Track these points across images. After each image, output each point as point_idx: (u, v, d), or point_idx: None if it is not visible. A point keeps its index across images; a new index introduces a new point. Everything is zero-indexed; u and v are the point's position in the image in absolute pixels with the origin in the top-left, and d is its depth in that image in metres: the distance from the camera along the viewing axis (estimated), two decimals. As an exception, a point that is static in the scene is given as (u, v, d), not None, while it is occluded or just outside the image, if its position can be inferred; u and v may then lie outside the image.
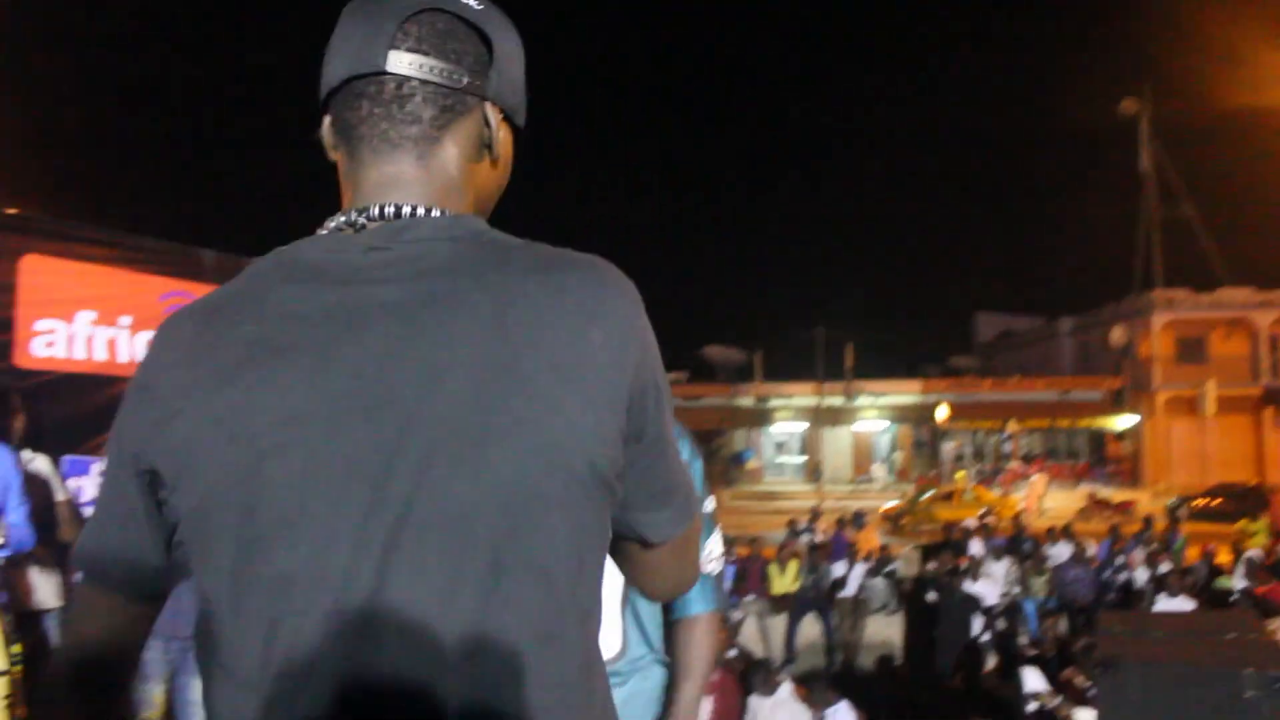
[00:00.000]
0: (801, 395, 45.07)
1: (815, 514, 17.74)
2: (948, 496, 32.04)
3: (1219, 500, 30.42)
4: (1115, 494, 34.28)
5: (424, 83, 1.10)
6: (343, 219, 1.09)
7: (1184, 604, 10.60)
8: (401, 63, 1.09)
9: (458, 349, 0.97)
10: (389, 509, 0.95)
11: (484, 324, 0.98)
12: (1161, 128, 46.32)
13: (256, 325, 1.02)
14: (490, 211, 1.21)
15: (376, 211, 1.07)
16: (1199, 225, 45.19)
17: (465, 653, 0.94)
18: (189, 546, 1.03)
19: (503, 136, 1.17)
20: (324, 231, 1.10)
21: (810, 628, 12.69)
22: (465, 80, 1.11)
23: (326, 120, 1.15)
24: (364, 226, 1.07)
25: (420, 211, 1.07)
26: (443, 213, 1.08)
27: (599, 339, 1.00)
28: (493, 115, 1.14)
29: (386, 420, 0.96)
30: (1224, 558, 14.04)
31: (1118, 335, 41.86)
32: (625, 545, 1.16)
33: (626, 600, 2.32)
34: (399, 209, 1.07)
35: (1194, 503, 30.92)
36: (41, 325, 5.03)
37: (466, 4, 1.12)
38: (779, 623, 12.83)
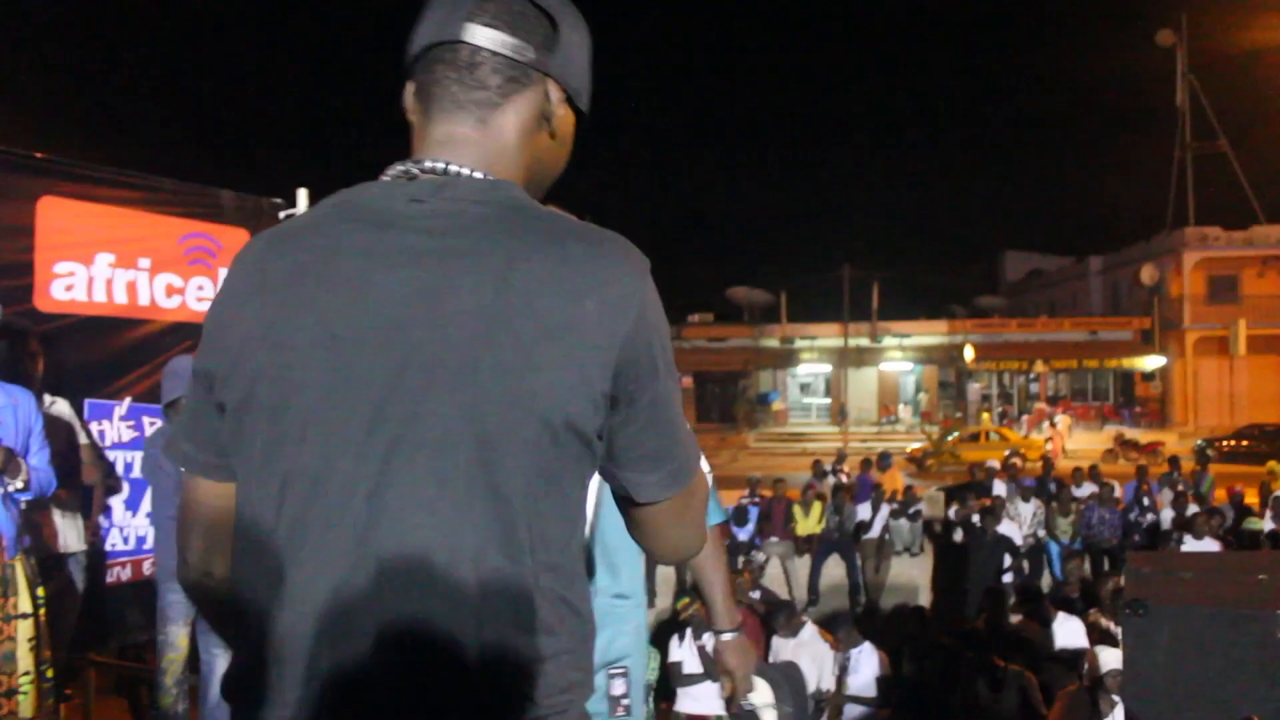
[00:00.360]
0: (827, 336, 44.91)
1: (841, 455, 17.71)
2: (974, 437, 31.97)
3: (1248, 441, 30.25)
4: (1142, 435, 34.11)
5: (494, 54, 1.25)
6: (401, 168, 1.24)
7: (1210, 545, 10.54)
8: (476, 34, 1.24)
9: (464, 299, 1.11)
10: (388, 427, 1.11)
11: (490, 281, 1.12)
12: (1198, 61, 45.44)
13: (309, 254, 1.18)
14: (547, 183, 1.36)
15: (430, 165, 1.23)
16: (1234, 161, 44.41)
17: (438, 560, 1.10)
18: (230, 440, 1.21)
19: (563, 114, 1.32)
20: (385, 178, 1.24)
21: (834, 569, 12.71)
22: (531, 56, 1.26)
23: (410, 86, 1.30)
24: (416, 177, 1.23)
25: (465, 172, 1.22)
26: (485, 175, 1.22)
27: (592, 307, 1.12)
28: (554, 92, 1.29)
29: (394, 351, 1.12)
30: (1251, 499, 13.92)
31: (1148, 274, 41.37)
32: (625, 505, 1.29)
33: (594, 540, 2.46)
34: (448, 166, 1.22)
35: (1222, 443, 30.75)
36: (60, 268, 4.99)
37: None
38: (803, 564, 12.85)
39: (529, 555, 1.12)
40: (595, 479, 1.24)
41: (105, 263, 5.17)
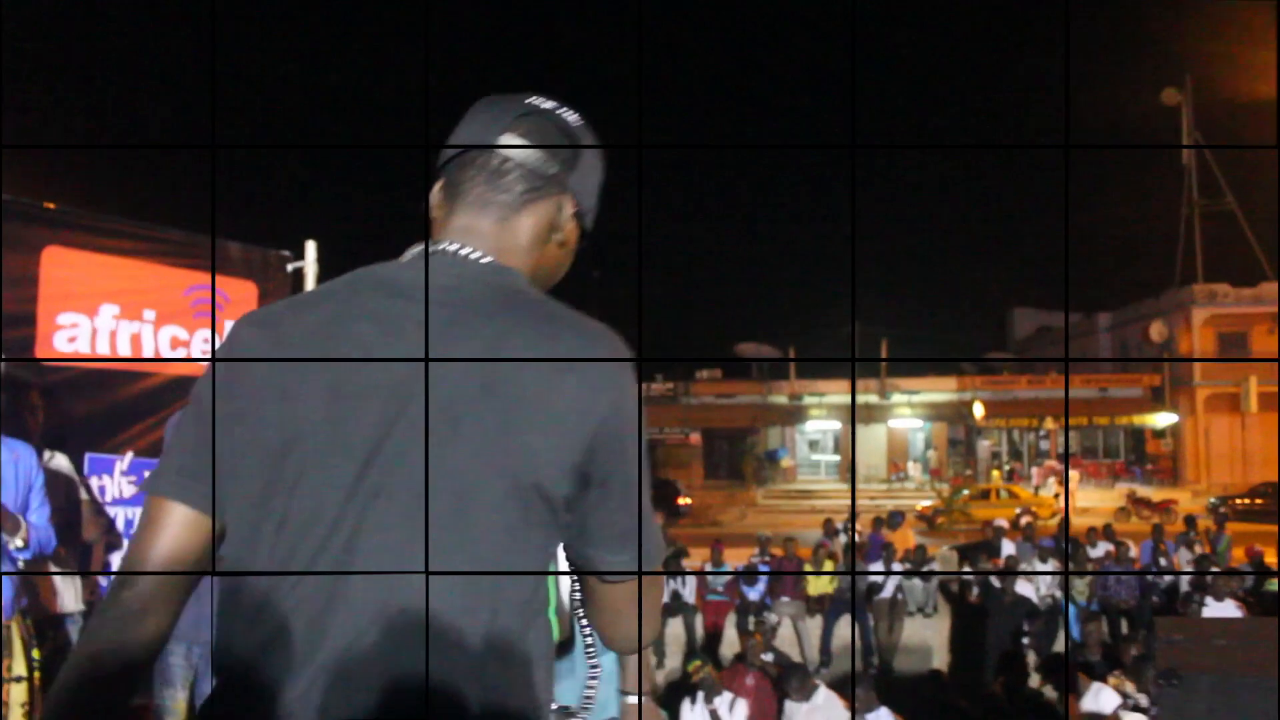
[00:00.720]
0: (835, 393, 44.77)
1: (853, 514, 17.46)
2: (984, 495, 31.70)
3: (1261, 500, 29.94)
4: (1155, 493, 33.81)
5: (521, 164, 1.41)
6: (419, 248, 1.36)
7: (1231, 608, 10.30)
8: (509, 146, 1.40)
9: (455, 367, 1.21)
10: (374, 474, 1.20)
11: (482, 350, 1.22)
12: (1203, 118, 45.68)
13: (323, 317, 1.29)
14: (548, 285, 1.47)
15: (445, 247, 1.36)
16: (1241, 218, 44.47)
17: (405, 600, 1.18)
18: (224, 479, 1.27)
19: (571, 227, 1.46)
20: (404, 258, 1.37)
21: (846, 630, 12.48)
22: (554, 171, 1.42)
23: (439, 182, 1.44)
24: (430, 257, 1.35)
25: (476, 256, 1.35)
26: (490, 261, 1.35)
27: (572, 386, 1.21)
28: (568, 207, 1.45)
29: (390, 408, 1.22)
30: (1270, 559, 13.68)
31: (1157, 330, 41.26)
32: (587, 583, 1.37)
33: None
34: (460, 249, 1.35)
35: (1236, 501, 30.42)
36: (64, 319, 4.91)
37: (567, 119, 1.44)
38: (815, 625, 12.62)
39: (488, 604, 1.21)
40: None
41: (109, 314, 5.08)
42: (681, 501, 33.44)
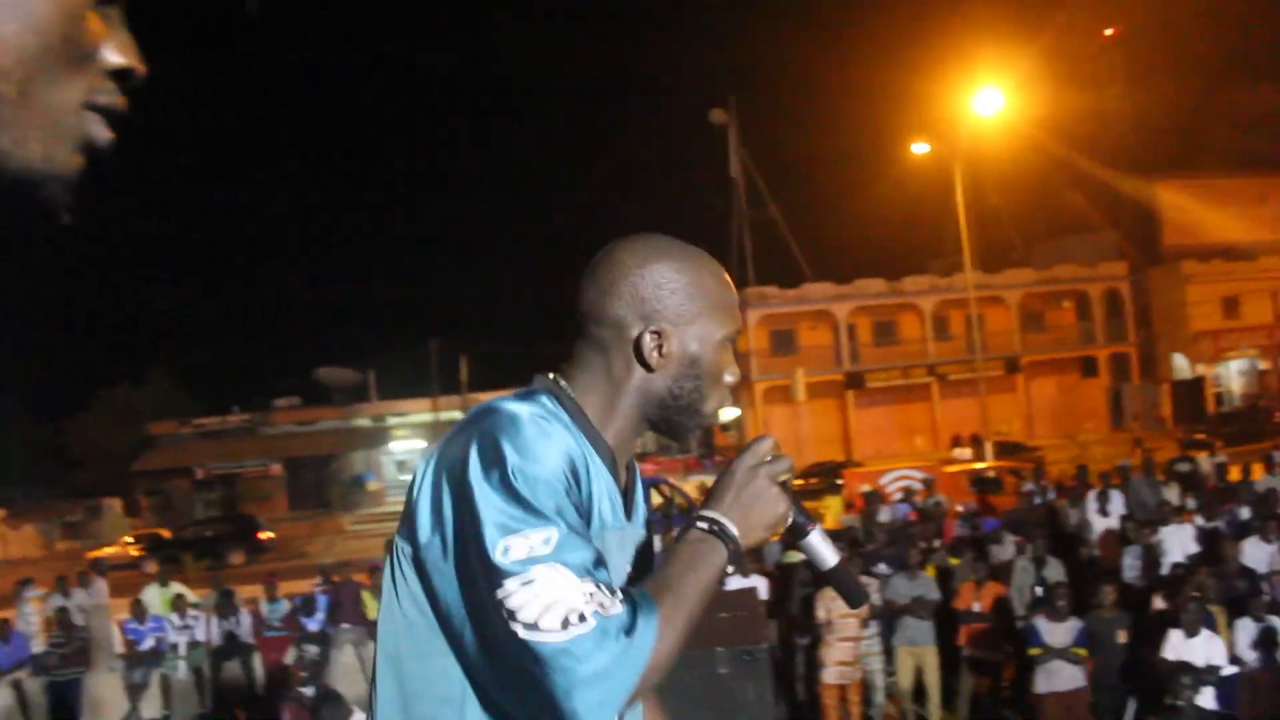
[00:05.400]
0: (418, 412, 44.25)
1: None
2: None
3: (815, 479, 32.67)
4: (723, 482, 35.95)
5: None
6: None
7: (759, 581, 10.75)
8: None
9: None
10: None
11: None
12: (748, 136, 49.49)
13: None
14: None
15: None
16: (783, 226, 48.64)
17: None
18: None
19: None
20: None
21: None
22: None
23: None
24: None
25: None
26: None
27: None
28: None
29: None
30: (826, 526, 14.60)
31: (717, 332, 44.08)
32: None
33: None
34: None
35: (795, 482, 32.97)
36: None
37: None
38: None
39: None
40: None
41: None
42: (263, 536, 31.65)
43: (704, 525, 1.52)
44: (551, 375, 1.65)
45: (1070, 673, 7.74)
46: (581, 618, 1.32)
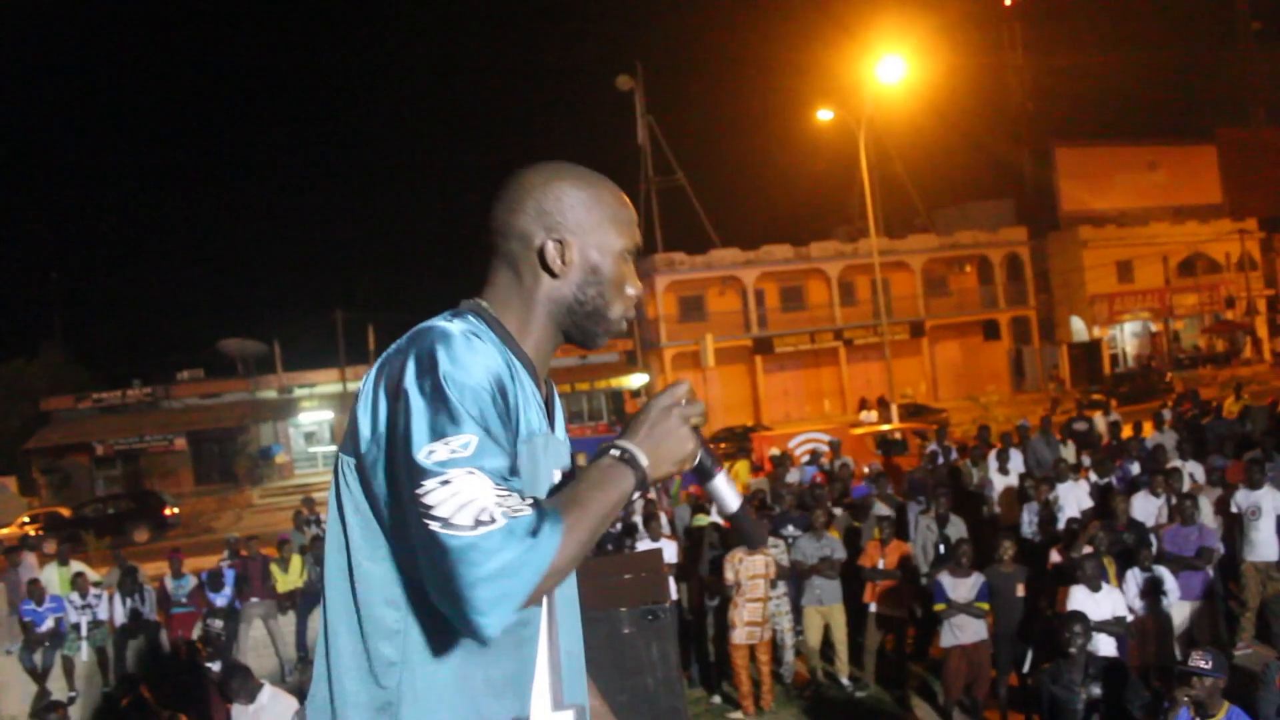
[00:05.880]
0: (326, 382, 43.55)
1: (309, 501, 16.27)
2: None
3: (725, 444, 32.97)
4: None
5: None
6: None
7: (667, 545, 10.80)
8: None
9: None
10: None
11: None
12: (655, 102, 49.38)
13: None
14: None
15: None
16: (691, 193, 48.72)
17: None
18: None
19: None
20: None
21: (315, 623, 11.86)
22: None
23: None
24: None
25: None
26: None
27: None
28: None
29: None
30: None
31: (627, 299, 44.04)
32: None
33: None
34: None
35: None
36: None
37: None
38: (288, 622, 11.89)
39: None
40: None
41: None
42: (169, 512, 31.00)
43: (616, 453, 1.62)
44: (474, 299, 1.77)
45: (974, 626, 7.98)
46: (492, 518, 1.43)
